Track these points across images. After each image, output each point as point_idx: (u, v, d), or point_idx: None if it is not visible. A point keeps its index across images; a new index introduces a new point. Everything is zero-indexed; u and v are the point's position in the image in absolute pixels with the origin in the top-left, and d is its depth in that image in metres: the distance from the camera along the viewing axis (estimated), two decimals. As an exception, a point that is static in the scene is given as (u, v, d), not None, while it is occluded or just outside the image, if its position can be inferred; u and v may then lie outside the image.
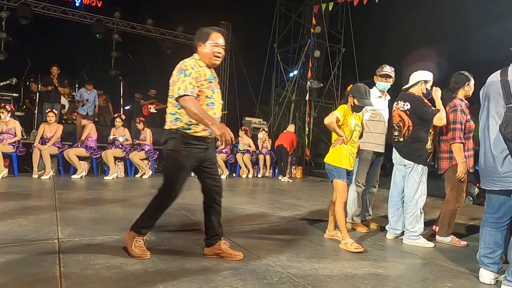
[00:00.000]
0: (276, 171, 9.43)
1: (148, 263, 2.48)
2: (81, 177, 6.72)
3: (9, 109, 6.63)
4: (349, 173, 3.34)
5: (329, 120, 3.23)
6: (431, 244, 3.44)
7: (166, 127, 2.59)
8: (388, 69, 3.81)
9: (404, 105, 3.49)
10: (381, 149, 3.85)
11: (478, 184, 11.71)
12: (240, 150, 8.69)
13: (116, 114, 7.76)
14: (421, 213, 3.43)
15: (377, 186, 4.08)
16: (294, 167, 9.89)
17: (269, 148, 9.24)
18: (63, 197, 4.73)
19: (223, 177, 8.10)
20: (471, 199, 12.78)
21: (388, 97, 3.95)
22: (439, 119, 3.29)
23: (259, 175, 8.99)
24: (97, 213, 3.95)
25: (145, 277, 2.25)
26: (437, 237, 3.62)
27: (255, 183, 7.92)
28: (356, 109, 3.34)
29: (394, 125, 3.58)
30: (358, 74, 11.82)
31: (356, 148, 3.40)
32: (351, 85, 3.36)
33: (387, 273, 2.61)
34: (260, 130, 9.66)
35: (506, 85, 2.37)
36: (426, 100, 3.45)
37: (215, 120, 2.49)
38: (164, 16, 14.21)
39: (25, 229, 3.14)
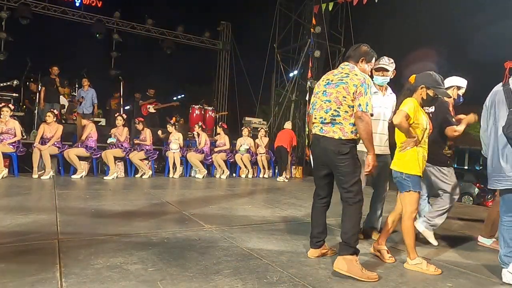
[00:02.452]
0: (276, 171, 9.43)
1: (148, 263, 2.48)
2: (81, 177, 6.71)
3: (11, 108, 6.63)
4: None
5: (399, 118, 2.63)
6: (435, 243, 3.46)
7: (347, 137, 2.62)
8: (385, 61, 3.45)
9: (429, 108, 3.45)
10: (382, 151, 3.41)
11: (478, 184, 11.78)
12: (241, 152, 8.67)
13: (117, 114, 7.76)
14: (447, 211, 3.44)
15: (385, 194, 3.62)
16: (294, 167, 9.89)
17: (267, 148, 9.22)
18: (63, 197, 4.73)
19: (223, 177, 8.10)
20: (471, 199, 12.82)
21: (390, 93, 3.58)
22: (452, 130, 3.29)
23: (260, 175, 8.99)
24: (97, 213, 3.95)
25: (145, 277, 2.25)
26: (479, 238, 3.63)
27: (255, 183, 7.93)
28: (429, 102, 2.86)
29: None
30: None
31: (427, 151, 2.86)
32: (414, 75, 2.89)
33: (387, 273, 2.61)
34: (259, 129, 9.64)
35: (508, 92, 2.67)
36: (451, 108, 3.45)
37: (374, 150, 2.68)
38: (164, 16, 14.25)
39: (25, 229, 3.14)
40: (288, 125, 9.36)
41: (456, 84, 3.56)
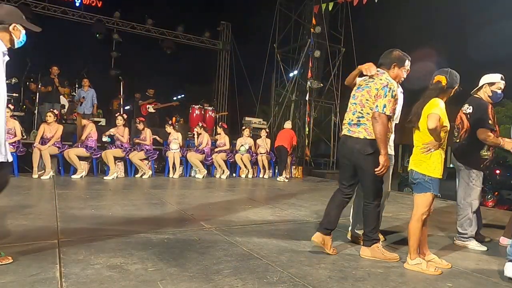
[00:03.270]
0: (276, 171, 9.43)
1: (148, 263, 2.48)
2: (81, 177, 6.71)
3: (10, 108, 6.63)
4: None
5: (435, 123, 2.54)
6: (483, 248, 3.38)
7: (371, 137, 2.76)
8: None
9: (467, 108, 3.45)
10: (391, 150, 3.38)
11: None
12: (241, 152, 8.67)
13: (118, 113, 7.76)
14: (473, 216, 3.38)
15: (388, 193, 3.53)
16: (294, 167, 9.89)
17: (268, 149, 9.22)
18: (63, 197, 4.73)
19: (223, 177, 8.10)
20: (471, 199, 12.74)
21: (400, 91, 3.43)
22: (485, 134, 3.24)
23: (260, 175, 8.99)
24: (97, 213, 3.95)
25: (145, 277, 2.25)
26: (501, 239, 3.61)
27: (255, 183, 7.92)
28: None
29: (455, 126, 3.56)
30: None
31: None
32: (439, 76, 2.80)
33: (387, 273, 2.61)
34: (261, 130, 9.65)
35: None
36: (490, 109, 3.37)
37: (387, 150, 2.77)
38: (164, 16, 14.25)
39: (25, 229, 3.15)
40: (288, 124, 9.35)
41: (486, 81, 3.45)
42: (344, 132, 2.95)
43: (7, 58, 2.42)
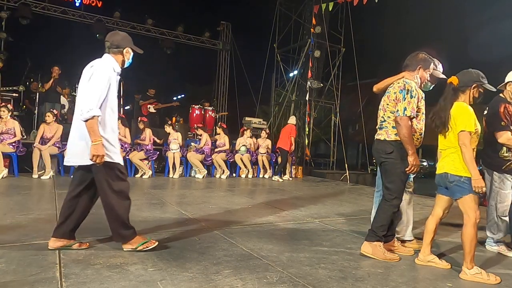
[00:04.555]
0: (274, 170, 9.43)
1: (148, 263, 2.48)
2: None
3: (10, 108, 6.63)
4: None
5: (467, 139, 2.58)
6: (511, 253, 3.29)
7: (390, 138, 2.92)
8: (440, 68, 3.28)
9: (487, 109, 3.42)
10: None
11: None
12: (241, 152, 8.67)
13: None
14: (501, 220, 3.32)
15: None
16: (294, 167, 9.88)
17: (268, 150, 9.21)
18: (63, 197, 4.70)
19: (223, 177, 8.10)
20: (471, 199, 12.75)
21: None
22: (501, 136, 3.17)
23: (260, 175, 8.99)
24: (97, 213, 3.94)
25: (145, 277, 2.25)
26: None
27: (255, 183, 7.92)
28: (476, 100, 2.82)
29: None
30: (358, 74, 11.82)
31: None
32: (454, 76, 2.79)
33: (387, 273, 2.61)
34: (261, 130, 9.64)
35: None
36: (503, 108, 3.22)
37: (415, 149, 2.86)
38: (164, 16, 14.26)
39: (25, 229, 3.15)
40: (292, 120, 9.27)
41: (508, 79, 3.35)
42: (375, 136, 3.14)
43: (118, 77, 2.77)
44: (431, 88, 3.25)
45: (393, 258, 2.90)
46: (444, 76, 3.12)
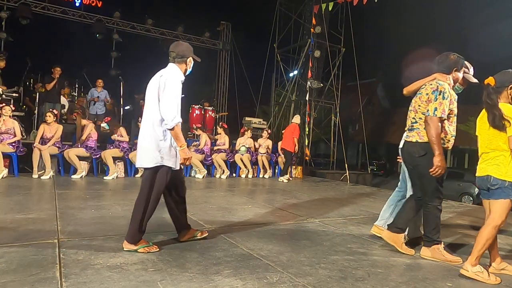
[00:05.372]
0: (277, 171, 9.43)
1: (148, 263, 2.48)
2: (81, 177, 6.71)
3: (12, 108, 6.64)
4: None
5: None
6: None
7: (423, 140, 2.93)
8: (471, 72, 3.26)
9: None
10: None
11: (478, 184, 11.75)
12: (241, 152, 8.66)
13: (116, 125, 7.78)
14: None
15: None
16: (294, 167, 9.88)
17: (268, 150, 9.20)
18: (63, 197, 4.73)
19: (223, 177, 8.10)
20: (471, 199, 12.81)
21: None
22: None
23: (260, 175, 8.99)
24: (97, 213, 3.95)
25: (145, 277, 2.25)
26: None
27: (255, 183, 7.92)
28: None
29: None
30: (358, 74, 11.83)
31: None
32: (491, 77, 2.72)
33: (387, 273, 2.61)
34: (262, 130, 9.63)
35: None
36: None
37: (442, 151, 2.84)
38: (164, 16, 14.24)
39: (25, 229, 3.14)
40: (296, 119, 9.05)
41: None
42: (404, 137, 3.15)
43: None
44: (461, 91, 3.26)
45: (454, 260, 2.91)
46: (476, 80, 3.12)
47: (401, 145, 3.27)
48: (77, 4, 11.55)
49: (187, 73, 2.96)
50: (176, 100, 2.71)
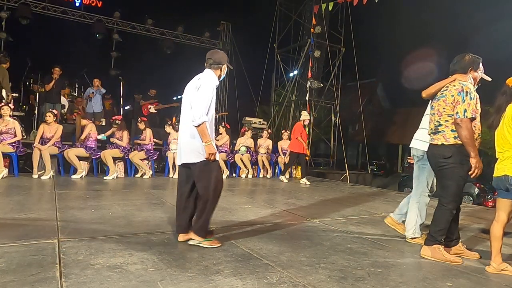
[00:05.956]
0: (276, 171, 9.42)
1: (148, 263, 2.48)
2: (81, 177, 6.71)
3: (12, 108, 6.64)
4: None
5: None
6: None
7: (449, 142, 2.92)
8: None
9: None
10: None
11: (478, 184, 11.76)
12: (241, 152, 8.65)
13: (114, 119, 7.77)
14: None
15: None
16: (294, 167, 9.88)
17: (269, 150, 9.19)
18: (63, 197, 4.73)
19: (223, 176, 8.08)
20: (471, 199, 12.81)
21: None
22: None
23: (260, 175, 8.98)
24: (97, 213, 3.95)
25: (145, 277, 2.25)
26: None
27: (255, 183, 7.92)
28: None
29: None
30: (358, 74, 11.83)
31: None
32: (511, 78, 2.79)
33: (387, 273, 2.61)
34: (263, 130, 9.62)
35: None
36: None
37: (477, 152, 2.84)
38: (164, 16, 14.22)
39: (25, 229, 3.14)
40: (303, 115, 8.50)
41: None
42: (429, 140, 3.14)
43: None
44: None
45: (454, 260, 2.92)
46: (488, 78, 3.13)
47: (412, 145, 3.39)
48: (77, 4, 11.54)
49: (221, 79, 3.17)
50: (207, 102, 2.91)
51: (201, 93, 2.91)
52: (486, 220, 4.69)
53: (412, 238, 3.43)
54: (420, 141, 3.40)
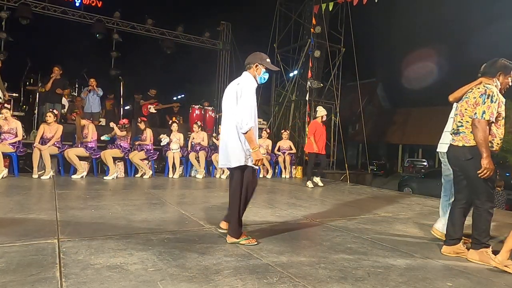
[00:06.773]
0: (276, 171, 9.42)
1: (148, 263, 2.48)
2: (81, 177, 6.71)
3: (8, 106, 6.65)
4: None
5: None
6: None
7: (470, 144, 2.94)
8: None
9: None
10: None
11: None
12: None
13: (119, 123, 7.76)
14: None
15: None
16: (294, 167, 9.89)
17: (268, 150, 9.19)
18: (63, 197, 4.73)
19: (223, 177, 8.10)
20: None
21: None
22: None
23: (260, 175, 8.99)
24: (97, 213, 3.95)
25: (145, 277, 2.25)
26: None
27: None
28: None
29: None
30: (358, 74, 11.83)
31: None
32: None
33: (387, 273, 2.61)
34: (261, 131, 9.62)
35: None
36: None
37: (489, 153, 2.84)
38: (164, 16, 14.23)
39: (25, 229, 3.14)
40: (320, 111, 7.67)
41: None
42: (449, 141, 3.17)
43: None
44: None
45: (504, 263, 2.82)
46: None
47: (439, 149, 3.42)
48: (77, 4, 11.54)
49: (258, 79, 3.25)
50: (250, 107, 3.03)
51: (243, 100, 3.01)
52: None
53: (436, 230, 3.60)
54: (446, 145, 3.41)
